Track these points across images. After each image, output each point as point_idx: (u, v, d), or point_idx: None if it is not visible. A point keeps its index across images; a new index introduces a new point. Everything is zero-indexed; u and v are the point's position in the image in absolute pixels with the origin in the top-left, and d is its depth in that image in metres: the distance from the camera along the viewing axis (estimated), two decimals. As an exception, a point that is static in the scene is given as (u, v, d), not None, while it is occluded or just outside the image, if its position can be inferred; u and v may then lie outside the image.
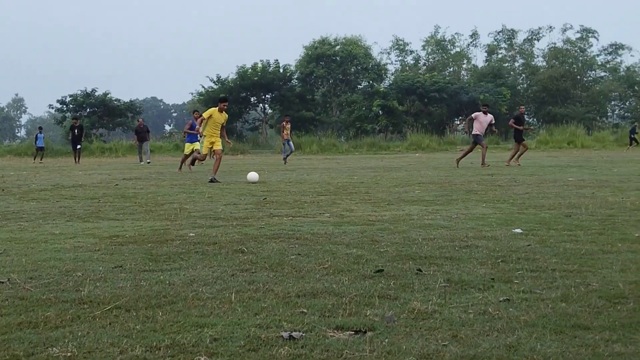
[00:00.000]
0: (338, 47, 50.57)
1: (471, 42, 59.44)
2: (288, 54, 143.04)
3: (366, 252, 4.94)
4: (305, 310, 3.35)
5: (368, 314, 3.29)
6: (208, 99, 46.67)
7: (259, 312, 3.35)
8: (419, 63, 59.16)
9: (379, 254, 4.87)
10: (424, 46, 59.01)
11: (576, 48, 56.03)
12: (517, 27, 71.28)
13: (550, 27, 57.22)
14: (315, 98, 51.56)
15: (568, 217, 6.78)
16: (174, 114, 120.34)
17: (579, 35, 55.70)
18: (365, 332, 3.01)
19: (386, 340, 2.89)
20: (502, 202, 8.45)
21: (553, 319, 3.13)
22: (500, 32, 58.30)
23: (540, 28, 57.61)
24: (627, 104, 57.50)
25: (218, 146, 13.46)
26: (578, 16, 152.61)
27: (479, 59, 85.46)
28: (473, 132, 18.26)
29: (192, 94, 63.10)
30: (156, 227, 6.49)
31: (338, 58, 50.03)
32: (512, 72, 57.16)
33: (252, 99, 50.87)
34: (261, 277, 4.12)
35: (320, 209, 7.97)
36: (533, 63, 57.42)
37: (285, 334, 2.95)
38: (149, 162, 24.42)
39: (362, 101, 47.50)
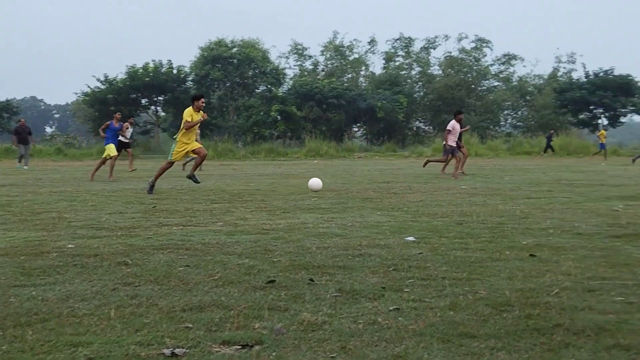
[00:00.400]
0: (235, 49, 49.95)
1: (369, 49, 60.35)
2: (182, 55, 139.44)
3: (259, 262, 4.82)
4: (190, 325, 3.21)
5: (257, 326, 3.18)
6: (94, 99, 44.90)
7: (140, 328, 3.16)
8: (318, 68, 59.48)
9: (272, 264, 4.76)
10: (322, 51, 59.37)
11: (471, 57, 58.12)
12: (414, 35, 73.27)
13: (446, 36, 59.25)
14: (212, 101, 50.67)
15: (459, 225, 6.93)
16: (56, 115, 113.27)
17: (473, 45, 57.90)
18: (252, 346, 2.91)
19: (274, 353, 2.82)
20: (396, 210, 8.55)
21: (441, 328, 3.14)
22: (397, 39, 59.55)
23: (436, 37, 59.32)
24: (519, 113, 60.23)
25: (196, 145, 11.87)
26: (473, 26, 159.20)
27: (377, 66, 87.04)
28: (449, 144, 16.96)
29: (76, 94, 60.35)
30: (31, 238, 6.06)
31: (235, 60, 49.44)
32: (409, 80, 58.47)
33: (143, 101, 49.29)
34: (145, 291, 3.91)
35: (213, 217, 7.76)
36: (429, 71, 59.06)
37: (167, 351, 2.82)
38: (25, 168, 23.00)
39: (260, 106, 47.29)
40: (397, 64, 59.90)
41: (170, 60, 48.01)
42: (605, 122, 52.36)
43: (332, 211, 8.38)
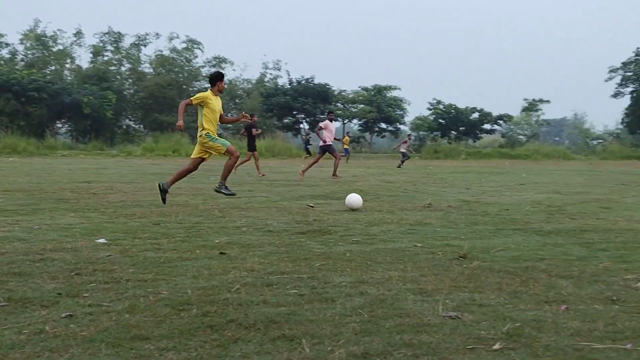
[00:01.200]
0: None
1: (75, 41, 57.34)
2: None
3: None
4: None
5: None
6: None
7: None
8: (16, 58, 54.68)
9: None
10: (21, 40, 54.86)
11: (182, 58, 58.55)
12: (124, 31, 71.31)
13: (157, 34, 58.80)
14: None
15: (156, 225, 6.83)
16: None
17: (185, 45, 58.34)
18: None
19: None
20: (93, 210, 8.17)
21: (114, 332, 3.03)
22: (106, 33, 57.58)
23: (147, 34, 58.66)
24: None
25: (223, 148, 9.65)
26: (184, 26, 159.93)
27: (83, 59, 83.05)
28: (323, 143, 17.53)
29: None
30: None
31: None
32: (118, 76, 56.90)
33: None
34: None
35: None
36: (140, 69, 58.09)
37: None
38: None
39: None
40: (105, 58, 57.82)
41: None
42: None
43: (19, 213, 7.70)
